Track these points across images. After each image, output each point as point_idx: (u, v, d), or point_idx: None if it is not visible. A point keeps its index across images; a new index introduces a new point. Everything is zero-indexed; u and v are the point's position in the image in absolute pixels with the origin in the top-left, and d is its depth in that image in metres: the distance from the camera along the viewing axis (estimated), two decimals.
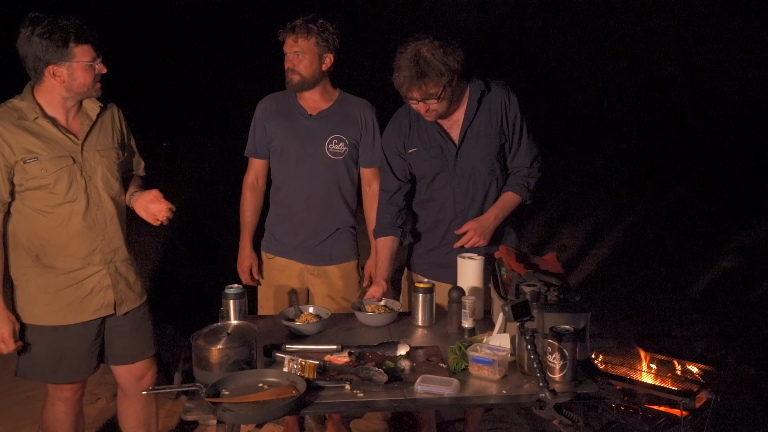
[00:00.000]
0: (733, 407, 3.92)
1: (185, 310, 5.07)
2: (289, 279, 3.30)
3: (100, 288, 2.75)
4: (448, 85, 2.85)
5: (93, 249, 2.71)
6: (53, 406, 2.88)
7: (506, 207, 3.07)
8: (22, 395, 4.06)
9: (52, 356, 2.75)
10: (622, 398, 3.26)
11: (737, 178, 9.72)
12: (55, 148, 2.61)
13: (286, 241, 3.29)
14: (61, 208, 2.64)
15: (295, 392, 2.22)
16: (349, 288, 3.35)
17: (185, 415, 2.24)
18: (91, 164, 2.69)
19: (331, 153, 3.19)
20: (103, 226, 2.73)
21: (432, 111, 2.90)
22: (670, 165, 10.39)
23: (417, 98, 2.85)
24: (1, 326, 2.62)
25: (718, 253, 6.82)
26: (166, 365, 4.29)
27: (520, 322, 2.32)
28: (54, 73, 2.56)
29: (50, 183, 2.60)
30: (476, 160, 3.03)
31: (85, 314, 2.74)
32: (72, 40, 2.52)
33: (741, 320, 5.33)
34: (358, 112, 3.24)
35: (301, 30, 3.07)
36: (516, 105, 3.03)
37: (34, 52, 2.52)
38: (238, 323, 2.55)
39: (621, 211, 8.41)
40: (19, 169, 2.57)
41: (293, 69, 3.11)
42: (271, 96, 3.31)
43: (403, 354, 2.59)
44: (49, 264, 2.67)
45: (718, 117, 12.16)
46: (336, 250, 3.30)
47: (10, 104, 2.62)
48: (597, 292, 5.90)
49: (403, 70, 2.81)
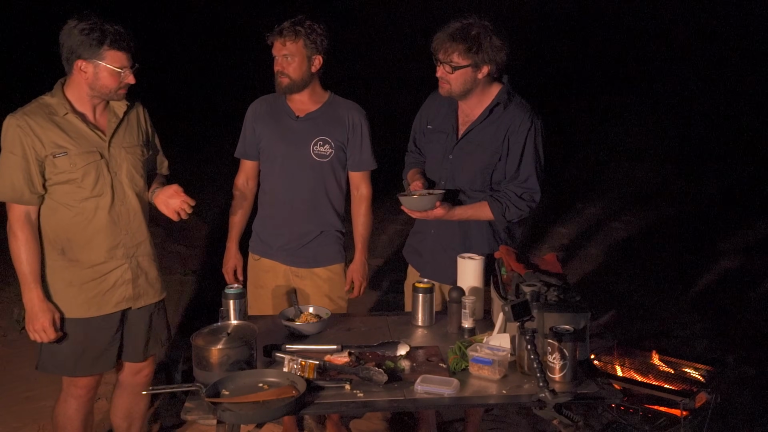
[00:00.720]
0: (733, 407, 3.92)
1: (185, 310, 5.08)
2: (275, 280, 3.29)
3: (122, 282, 2.82)
4: (472, 67, 2.88)
5: (117, 243, 2.79)
6: (65, 402, 2.91)
7: (474, 214, 3.03)
8: (22, 395, 4.06)
9: (75, 349, 2.80)
10: (622, 398, 3.26)
11: (737, 178, 9.72)
12: (84, 143, 2.70)
13: (270, 242, 3.28)
14: (88, 202, 2.72)
15: (295, 392, 2.22)
16: (336, 290, 3.31)
17: (185, 415, 2.24)
18: (117, 160, 2.78)
19: (316, 155, 3.17)
20: (127, 221, 2.81)
21: (445, 80, 2.93)
22: (670, 165, 10.39)
23: (440, 58, 2.90)
24: (42, 316, 2.68)
25: (718, 253, 6.82)
26: (166, 365, 4.30)
27: (520, 322, 2.32)
28: (81, 68, 2.64)
29: (78, 177, 2.68)
30: (467, 163, 3.04)
31: (107, 307, 2.81)
32: (107, 43, 2.61)
33: (741, 320, 5.33)
34: (346, 115, 3.22)
35: (289, 33, 3.06)
36: (524, 135, 2.96)
37: (70, 43, 2.62)
38: (238, 323, 2.56)
39: (621, 210, 8.42)
40: (49, 163, 2.65)
41: (282, 72, 3.09)
42: (263, 98, 3.31)
43: (403, 354, 2.59)
44: (74, 257, 2.74)
45: (718, 116, 12.16)
46: (320, 253, 3.26)
47: (41, 101, 2.70)
48: (597, 292, 5.90)
49: (445, 28, 2.88)
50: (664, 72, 13.88)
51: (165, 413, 3.86)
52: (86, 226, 2.73)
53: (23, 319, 5.17)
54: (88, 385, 2.89)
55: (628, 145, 11.15)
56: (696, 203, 8.75)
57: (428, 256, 3.19)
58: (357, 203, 3.36)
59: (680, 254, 6.90)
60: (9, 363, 4.55)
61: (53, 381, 4.22)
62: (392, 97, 11.20)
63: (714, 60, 13.45)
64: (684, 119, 12.21)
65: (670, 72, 13.77)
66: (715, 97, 12.70)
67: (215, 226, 7.15)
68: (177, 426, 3.74)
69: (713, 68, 13.37)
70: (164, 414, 3.86)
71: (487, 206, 3.00)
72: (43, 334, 2.69)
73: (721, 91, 12.81)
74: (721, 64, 13.36)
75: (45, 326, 2.69)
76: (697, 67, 13.49)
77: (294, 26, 3.07)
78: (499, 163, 3.01)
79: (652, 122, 12.06)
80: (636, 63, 14.11)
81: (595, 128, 11.95)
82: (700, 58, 13.57)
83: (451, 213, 2.96)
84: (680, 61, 13.79)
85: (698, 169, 10.07)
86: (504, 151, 2.99)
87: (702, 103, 12.61)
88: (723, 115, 12.16)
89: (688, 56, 13.63)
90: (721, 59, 13.38)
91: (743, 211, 8.22)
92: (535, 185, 2.99)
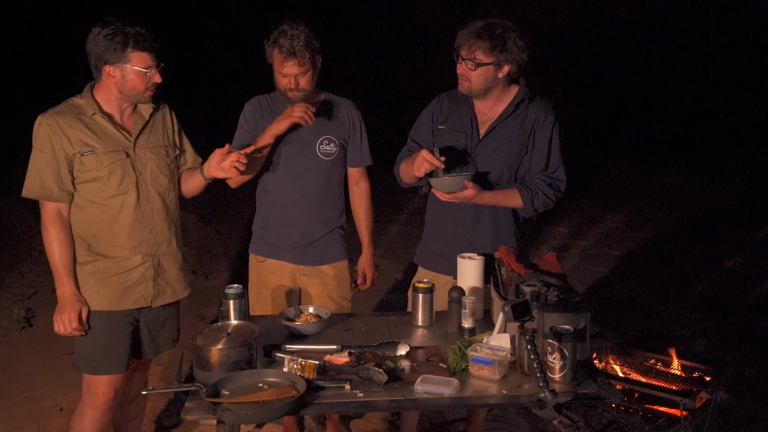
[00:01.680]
0: (733, 407, 3.92)
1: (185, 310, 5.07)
2: (280, 280, 3.30)
3: (143, 279, 2.87)
4: (494, 66, 2.89)
5: (141, 241, 2.85)
6: (81, 413, 2.90)
7: (503, 199, 3.02)
8: (22, 395, 4.06)
9: (97, 344, 2.83)
10: (622, 398, 3.26)
11: (737, 178, 9.72)
12: (110, 142, 2.77)
13: (277, 242, 3.28)
14: (113, 200, 2.79)
15: (295, 392, 2.22)
16: (342, 287, 3.35)
17: (185, 415, 2.24)
18: (142, 160, 2.84)
19: (323, 154, 3.20)
20: (150, 220, 2.86)
21: (466, 77, 2.93)
22: (670, 164, 10.39)
23: (463, 55, 2.90)
24: (70, 307, 2.74)
25: (718, 253, 6.83)
26: (166, 365, 4.30)
27: (520, 322, 2.32)
28: (110, 73, 2.72)
29: (104, 175, 2.76)
30: (492, 159, 3.04)
31: (128, 303, 2.85)
32: (131, 45, 2.68)
33: (741, 320, 5.34)
34: (346, 113, 3.26)
35: (301, 53, 3.00)
36: (550, 127, 3.01)
37: (96, 50, 2.70)
38: (238, 323, 2.55)
39: (621, 211, 8.42)
40: (77, 161, 2.73)
41: (296, 88, 3.06)
42: (258, 98, 3.30)
43: (403, 354, 2.59)
44: (99, 252, 2.81)
45: (720, 115, 12.16)
46: (327, 250, 3.30)
47: (70, 102, 2.79)
48: (597, 292, 5.90)
49: (470, 26, 2.89)
50: (662, 72, 13.88)
51: (165, 413, 3.87)
52: (112, 223, 2.79)
53: (23, 319, 5.20)
54: (107, 393, 2.86)
55: (628, 145, 11.16)
56: (696, 203, 8.75)
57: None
58: (359, 198, 3.39)
59: (680, 254, 6.90)
60: (9, 363, 4.56)
61: (53, 381, 4.24)
62: (383, 96, 11.21)
63: (714, 60, 13.44)
64: (684, 119, 12.22)
65: (666, 70, 13.77)
66: (715, 98, 12.71)
67: (216, 226, 7.16)
68: (177, 426, 3.75)
69: (712, 68, 13.36)
70: (164, 414, 3.86)
71: (516, 193, 3.00)
72: (68, 324, 2.73)
73: (722, 92, 12.81)
74: (720, 65, 13.35)
75: (71, 317, 2.73)
76: (690, 64, 13.48)
77: (304, 46, 3.00)
78: (525, 156, 3.03)
79: (653, 122, 12.07)
80: (636, 63, 14.11)
81: (596, 128, 11.96)
82: (701, 58, 13.57)
83: (480, 196, 2.93)
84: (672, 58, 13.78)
85: (698, 169, 10.07)
86: (530, 145, 3.02)
87: (702, 103, 12.61)
88: (723, 115, 12.17)
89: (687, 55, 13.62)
90: (721, 59, 13.38)
91: (743, 211, 8.23)
92: (563, 176, 3.05)
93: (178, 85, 13.00)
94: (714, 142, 11.20)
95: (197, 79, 14.07)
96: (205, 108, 12.72)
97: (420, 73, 12.57)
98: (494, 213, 3.08)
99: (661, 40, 13.81)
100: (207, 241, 6.97)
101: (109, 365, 2.85)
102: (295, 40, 3.00)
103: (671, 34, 13.73)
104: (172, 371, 4.25)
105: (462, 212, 3.09)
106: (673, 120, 12.28)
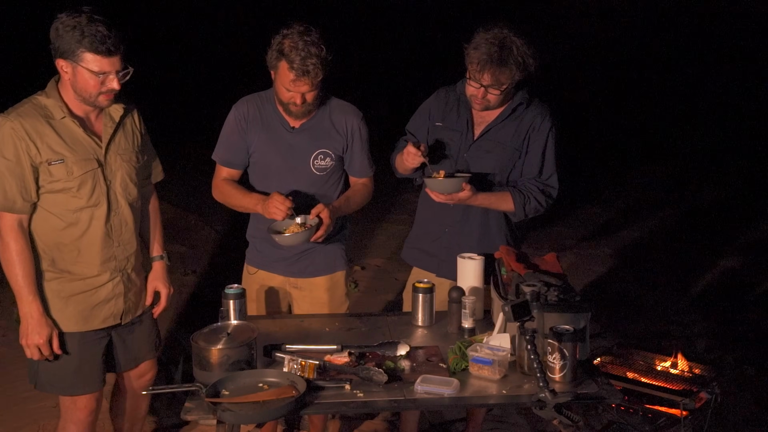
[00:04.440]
0: (733, 407, 3.92)
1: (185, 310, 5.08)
2: (271, 292, 3.15)
3: (112, 296, 2.69)
4: (516, 81, 2.88)
5: (109, 256, 2.65)
6: (64, 429, 2.76)
7: (495, 202, 3.02)
8: (22, 395, 4.06)
9: (70, 365, 2.66)
10: (622, 398, 3.26)
11: (737, 178, 9.71)
12: (81, 150, 2.54)
13: (268, 253, 3.11)
14: (83, 212, 2.57)
15: (295, 392, 2.22)
16: (335, 301, 3.18)
17: (185, 415, 2.24)
18: (112, 168, 2.62)
19: (317, 169, 3.00)
20: (119, 233, 2.67)
21: (487, 100, 2.92)
22: (670, 165, 10.39)
23: (484, 83, 2.85)
24: (40, 331, 2.55)
25: (718, 253, 6.82)
26: (166, 365, 4.29)
27: (520, 322, 2.32)
28: (63, 68, 2.47)
29: (74, 186, 2.52)
30: (485, 161, 3.04)
31: (95, 322, 2.68)
32: (84, 45, 2.40)
33: (741, 320, 5.33)
34: (343, 121, 3.02)
35: (315, 74, 2.77)
36: (545, 133, 3.01)
37: (53, 40, 2.44)
38: (238, 323, 2.56)
39: (621, 210, 8.41)
40: (44, 170, 2.48)
41: (303, 104, 2.86)
42: (247, 100, 3.04)
43: (403, 354, 2.59)
44: (64, 269, 2.60)
45: (718, 115, 12.16)
46: (322, 261, 3.12)
47: (35, 101, 2.52)
48: (597, 291, 5.90)
49: (483, 50, 2.81)
50: (660, 71, 13.88)
51: (165, 413, 3.86)
52: (80, 237, 2.57)
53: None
54: (88, 406, 2.73)
55: (628, 145, 11.15)
56: (696, 203, 8.74)
57: (444, 255, 3.13)
58: (357, 184, 3.17)
59: (680, 254, 6.89)
60: (9, 363, 4.55)
61: None
62: (386, 96, 11.21)
63: (713, 59, 13.44)
64: (683, 119, 12.22)
65: (665, 71, 13.77)
66: (714, 98, 12.70)
67: (216, 226, 7.15)
68: (177, 426, 3.74)
69: (710, 67, 13.36)
70: (164, 414, 3.86)
71: (509, 196, 3.00)
72: (38, 350, 2.56)
73: (720, 91, 12.81)
74: (720, 63, 13.36)
75: (41, 342, 2.54)
76: (691, 66, 13.49)
77: (318, 65, 2.75)
78: (518, 161, 3.03)
79: (652, 122, 12.07)
80: (636, 63, 14.11)
81: (595, 128, 11.95)
82: (699, 57, 13.56)
83: (474, 198, 2.93)
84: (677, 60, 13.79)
85: (698, 170, 10.07)
86: (524, 149, 3.02)
87: (702, 102, 12.61)
88: (722, 115, 12.17)
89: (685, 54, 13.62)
90: (720, 58, 13.38)
91: (743, 210, 8.22)
92: (556, 183, 3.05)
93: (165, 88, 12.99)
94: (714, 142, 11.19)
95: (192, 81, 14.07)
96: (194, 111, 12.72)
97: (420, 70, 12.57)
98: (485, 215, 3.09)
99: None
100: (207, 241, 6.97)
101: (83, 385, 2.69)
102: (309, 58, 2.72)
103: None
104: (172, 371, 4.25)
105: (450, 212, 3.10)
106: (671, 120, 12.27)
